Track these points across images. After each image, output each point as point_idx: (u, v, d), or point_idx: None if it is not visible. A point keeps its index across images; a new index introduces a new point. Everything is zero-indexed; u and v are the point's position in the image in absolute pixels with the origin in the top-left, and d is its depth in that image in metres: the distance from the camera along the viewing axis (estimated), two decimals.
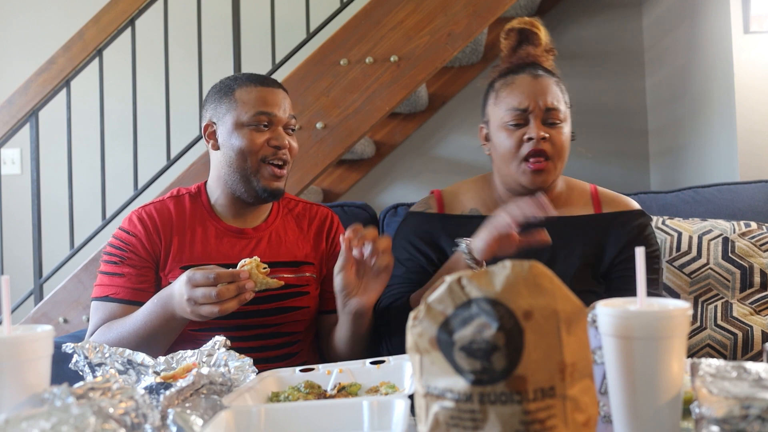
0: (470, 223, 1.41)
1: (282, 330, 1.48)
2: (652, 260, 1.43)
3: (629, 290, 0.99)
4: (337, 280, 1.28)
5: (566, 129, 1.41)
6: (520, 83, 1.40)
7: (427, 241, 1.47)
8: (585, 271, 1.41)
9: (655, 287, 1.44)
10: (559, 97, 1.41)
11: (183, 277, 1.22)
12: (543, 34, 1.47)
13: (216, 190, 1.50)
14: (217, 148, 1.48)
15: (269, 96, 1.44)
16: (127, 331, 1.31)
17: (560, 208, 1.43)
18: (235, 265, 1.26)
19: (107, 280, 1.42)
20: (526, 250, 1.24)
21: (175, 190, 1.53)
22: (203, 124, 1.50)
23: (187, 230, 1.46)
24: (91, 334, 1.38)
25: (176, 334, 1.33)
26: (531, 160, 1.37)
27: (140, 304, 1.35)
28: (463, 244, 1.31)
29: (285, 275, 1.30)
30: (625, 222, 1.45)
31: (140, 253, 1.43)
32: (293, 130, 1.48)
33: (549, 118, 1.39)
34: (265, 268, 1.25)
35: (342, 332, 1.38)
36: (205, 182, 1.54)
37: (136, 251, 1.43)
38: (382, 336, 1.43)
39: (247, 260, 1.24)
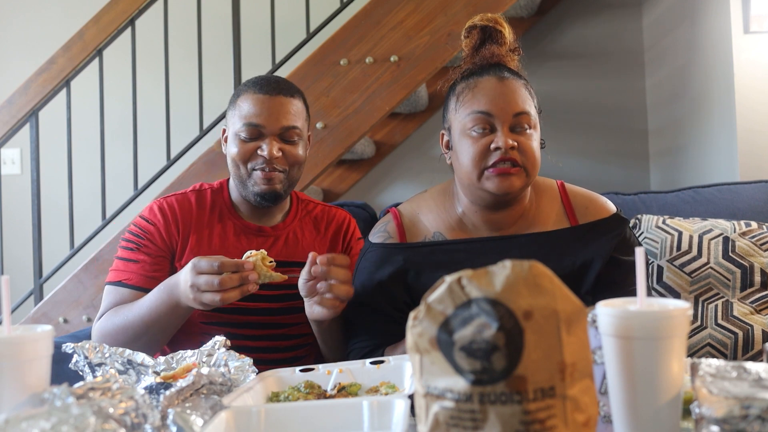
0: (435, 251, 1.33)
1: (292, 332, 1.49)
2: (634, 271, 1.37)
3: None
4: (300, 284, 1.27)
5: (536, 136, 1.29)
6: (484, 86, 1.28)
7: (392, 281, 1.34)
8: None
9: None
10: (528, 101, 1.28)
11: (189, 264, 1.23)
12: (507, 32, 1.34)
13: (234, 189, 1.53)
14: None
15: (264, 105, 1.42)
16: (132, 315, 1.33)
17: (530, 223, 1.34)
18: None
19: (122, 266, 1.44)
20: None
21: (197, 185, 1.56)
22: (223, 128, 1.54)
23: (206, 225, 1.48)
24: (100, 318, 1.40)
25: (180, 323, 1.34)
26: (497, 165, 1.25)
27: None
28: None
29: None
30: (604, 232, 1.33)
31: (157, 242, 1.45)
32: (290, 140, 1.45)
33: (518, 124, 1.26)
34: (271, 262, 1.24)
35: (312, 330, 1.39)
36: (228, 179, 1.55)
37: (153, 240, 1.45)
38: None
39: (253, 252, 1.24)
